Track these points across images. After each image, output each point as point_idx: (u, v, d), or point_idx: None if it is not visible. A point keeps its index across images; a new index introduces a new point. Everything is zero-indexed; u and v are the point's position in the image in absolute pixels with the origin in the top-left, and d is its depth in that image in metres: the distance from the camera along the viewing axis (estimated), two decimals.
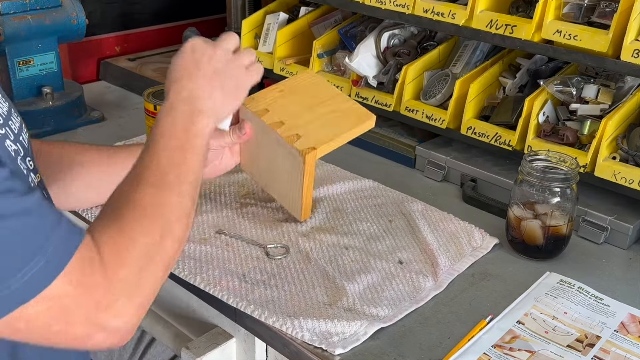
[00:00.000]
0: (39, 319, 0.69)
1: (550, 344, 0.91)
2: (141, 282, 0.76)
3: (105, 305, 0.72)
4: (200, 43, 0.95)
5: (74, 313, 0.70)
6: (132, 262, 0.75)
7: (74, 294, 0.70)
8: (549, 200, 1.07)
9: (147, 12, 2.04)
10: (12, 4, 1.45)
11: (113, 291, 0.73)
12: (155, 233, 0.79)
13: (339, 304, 0.96)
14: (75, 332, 0.71)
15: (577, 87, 1.23)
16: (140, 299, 0.76)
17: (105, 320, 0.72)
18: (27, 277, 0.66)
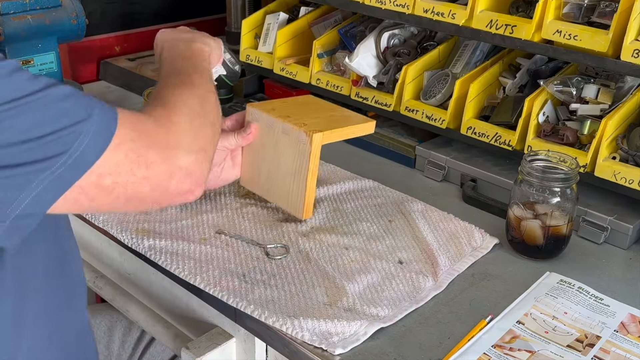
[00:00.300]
0: (121, 167, 0.74)
1: (550, 344, 0.91)
2: (195, 129, 0.84)
3: (172, 144, 0.80)
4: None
5: (149, 155, 0.76)
6: (180, 112, 0.84)
7: (139, 138, 0.76)
8: (549, 200, 1.07)
9: (147, 12, 2.04)
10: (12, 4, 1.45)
11: (173, 133, 0.81)
12: (193, 96, 0.89)
13: (339, 304, 0.96)
14: (157, 174, 0.77)
15: (577, 87, 1.23)
16: (200, 142, 0.84)
17: (178, 156, 0.80)
18: (94, 127, 0.71)
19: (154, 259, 1.06)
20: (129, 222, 1.14)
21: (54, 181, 0.70)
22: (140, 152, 0.75)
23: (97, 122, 0.72)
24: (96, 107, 0.73)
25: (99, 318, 1.31)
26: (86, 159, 0.71)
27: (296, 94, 1.62)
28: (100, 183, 0.73)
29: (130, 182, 0.75)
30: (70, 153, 0.69)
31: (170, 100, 0.86)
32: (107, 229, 1.14)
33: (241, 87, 1.70)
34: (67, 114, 0.70)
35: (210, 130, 0.88)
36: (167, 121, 0.82)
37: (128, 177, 0.75)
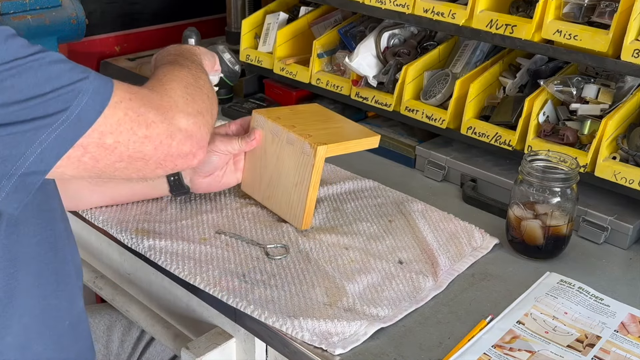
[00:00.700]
0: (122, 125, 0.76)
1: (550, 344, 0.91)
2: (191, 95, 0.87)
3: (169, 106, 0.82)
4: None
5: (148, 114, 0.79)
6: (174, 80, 0.88)
7: (136, 99, 0.79)
8: (549, 200, 1.07)
9: (147, 12, 2.04)
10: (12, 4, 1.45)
11: (168, 96, 0.83)
12: (183, 70, 0.93)
13: (339, 304, 0.96)
14: (158, 134, 0.79)
15: (577, 87, 1.23)
16: (197, 106, 0.86)
17: (177, 117, 0.82)
18: (93, 86, 0.74)
19: (154, 259, 1.06)
20: (129, 222, 1.14)
21: (57, 138, 0.72)
22: (140, 111, 0.78)
23: (95, 83, 0.75)
24: (91, 72, 0.76)
25: (98, 318, 1.30)
26: (87, 117, 0.73)
27: (296, 94, 1.62)
28: (102, 142, 0.75)
29: (132, 140, 0.77)
30: (71, 110, 0.72)
31: (163, 75, 0.89)
32: (107, 229, 1.14)
33: (241, 87, 1.70)
34: (65, 74, 0.73)
35: (207, 100, 0.90)
36: (161, 88, 0.85)
37: (129, 136, 0.77)
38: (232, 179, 1.18)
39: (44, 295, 0.89)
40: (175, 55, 1.03)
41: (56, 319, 0.91)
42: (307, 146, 1.08)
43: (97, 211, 1.17)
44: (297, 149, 1.09)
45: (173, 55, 1.04)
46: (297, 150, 1.09)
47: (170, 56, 1.03)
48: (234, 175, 1.18)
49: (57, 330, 0.91)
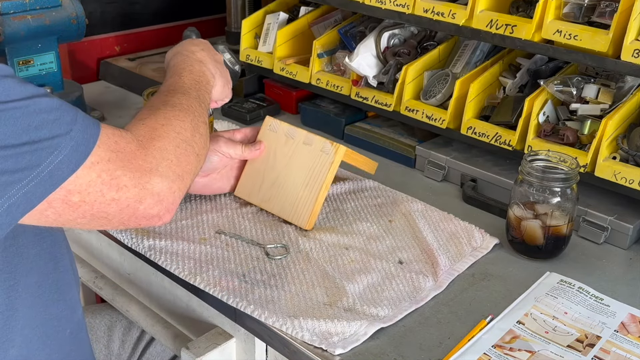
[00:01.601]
0: (92, 187, 0.74)
1: (550, 344, 0.91)
2: (178, 156, 0.83)
3: (148, 168, 0.79)
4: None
5: (122, 177, 0.76)
6: (166, 137, 0.83)
7: (116, 158, 0.76)
8: (549, 200, 1.07)
9: (147, 12, 2.04)
10: (12, 4, 1.45)
11: (152, 157, 0.80)
12: (187, 120, 0.89)
13: (339, 304, 0.96)
14: (127, 198, 0.77)
15: (577, 87, 1.23)
16: (179, 170, 0.83)
17: (152, 182, 0.79)
18: (72, 143, 0.71)
19: (154, 259, 1.06)
20: None
21: (26, 194, 0.69)
22: (115, 174, 0.75)
23: (76, 138, 0.72)
24: (78, 123, 0.73)
25: (98, 318, 1.30)
26: (59, 175, 0.71)
27: (296, 94, 1.62)
28: (68, 199, 0.72)
29: (98, 202, 0.75)
30: (44, 167, 0.69)
31: (161, 121, 0.86)
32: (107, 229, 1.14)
33: (241, 87, 1.70)
34: (47, 126, 0.70)
35: (194, 160, 0.87)
36: (150, 144, 0.81)
37: (96, 197, 0.74)
38: (226, 185, 1.20)
39: (45, 306, 0.88)
40: (191, 81, 0.99)
41: (57, 328, 0.91)
42: (328, 145, 1.12)
43: None
44: (315, 148, 1.13)
45: (188, 80, 1.00)
46: (315, 150, 1.12)
47: (186, 78, 0.99)
48: (228, 183, 1.20)
49: (59, 339, 0.91)
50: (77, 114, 0.74)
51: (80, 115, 0.74)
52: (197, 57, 1.06)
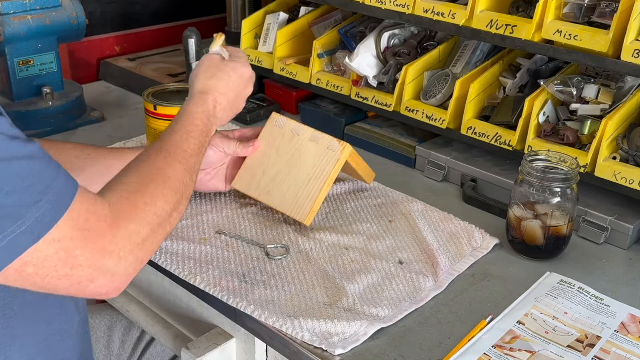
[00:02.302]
0: (48, 261, 0.71)
1: (550, 344, 0.90)
2: (147, 240, 0.81)
3: (110, 251, 0.76)
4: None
5: (80, 256, 0.73)
6: (144, 219, 0.81)
7: (79, 237, 0.73)
8: (549, 200, 1.07)
9: (147, 12, 2.04)
10: (12, 4, 1.45)
11: (119, 239, 0.77)
12: (172, 202, 0.86)
13: (339, 304, 0.96)
14: (79, 276, 0.74)
15: (577, 87, 1.23)
16: (142, 254, 0.80)
17: (108, 264, 0.76)
18: (39, 214, 0.69)
19: (154, 259, 1.06)
20: None
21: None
22: (73, 253, 0.73)
23: (44, 209, 0.70)
24: (51, 192, 0.71)
25: (98, 318, 1.30)
26: (18, 246, 0.69)
27: (296, 94, 1.62)
28: (21, 269, 0.71)
29: (50, 276, 0.73)
30: (4, 235, 0.67)
31: (145, 199, 0.82)
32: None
33: None
34: (18, 193, 0.68)
35: (161, 239, 0.85)
36: (123, 224, 0.78)
37: (50, 272, 0.72)
38: (220, 184, 1.20)
39: (48, 321, 0.88)
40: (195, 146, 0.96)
41: (60, 342, 0.91)
42: (335, 143, 1.12)
43: None
44: (320, 145, 1.13)
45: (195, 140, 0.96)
46: (321, 147, 1.13)
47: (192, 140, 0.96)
48: (222, 182, 1.20)
49: (61, 352, 0.91)
50: (54, 181, 0.72)
51: (56, 183, 0.72)
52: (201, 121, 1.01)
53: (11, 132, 0.70)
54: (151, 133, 1.32)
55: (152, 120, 1.30)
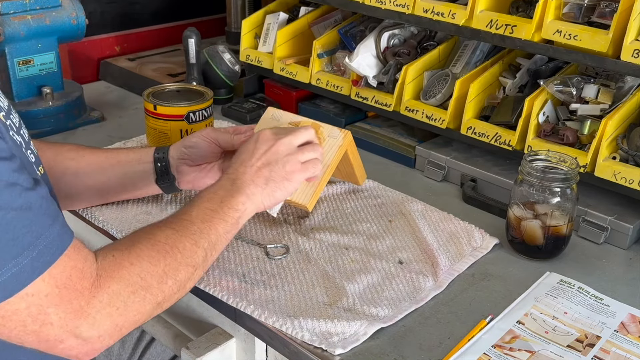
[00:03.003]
0: (17, 315, 0.69)
1: (550, 344, 0.91)
2: (129, 305, 0.76)
3: (85, 313, 0.73)
4: (266, 134, 1.00)
5: (52, 315, 0.71)
6: (128, 280, 0.77)
7: (56, 295, 0.71)
8: (549, 200, 1.07)
9: (147, 12, 2.04)
10: (12, 4, 1.45)
11: (98, 301, 0.74)
12: (159, 265, 0.81)
13: (339, 304, 0.96)
14: (48, 334, 0.72)
15: (577, 87, 1.23)
16: (121, 321, 0.76)
17: (81, 327, 0.73)
18: (15, 270, 0.67)
19: None
20: (129, 222, 1.14)
21: None
22: (45, 311, 0.70)
23: (21, 266, 0.68)
24: (34, 248, 0.69)
25: None
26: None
27: (296, 94, 1.62)
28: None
29: (17, 329, 0.71)
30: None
31: (131, 259, 0.79)
32: (107, 229, 1.14)
33: (241, 87, 1.70)
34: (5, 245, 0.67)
35: (150, 310, 0.80)
36: (105, 284, 0.75)
37: (17, 326, 0.70)
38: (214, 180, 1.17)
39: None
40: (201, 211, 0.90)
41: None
42: (336, 131, 1.09)
43: (97, 211, 1.17)
44: (321, 135, 1.10)
45: (211, 205, 0.91)
46: (321, 136, 1.10)
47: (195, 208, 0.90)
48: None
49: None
50: (42, 236, 0.70)
51: (45, 237, 0.70)
52: (232, 177, 0.95)
53: (13, 178, 0.69)
54: (151, 133, 1.32)
55: (152, 120, 1.30)
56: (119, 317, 0.76)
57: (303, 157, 1.00)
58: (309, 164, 1.01)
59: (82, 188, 1.12)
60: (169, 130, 1.29)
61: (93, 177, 1.12)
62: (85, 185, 1.12)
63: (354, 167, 1.19)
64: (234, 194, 0.93)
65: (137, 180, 1.14)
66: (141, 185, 1.14)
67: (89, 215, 1.17)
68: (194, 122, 1.29)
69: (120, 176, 1.13)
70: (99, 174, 1.12)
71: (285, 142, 0.99)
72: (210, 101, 1.32)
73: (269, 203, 0.98)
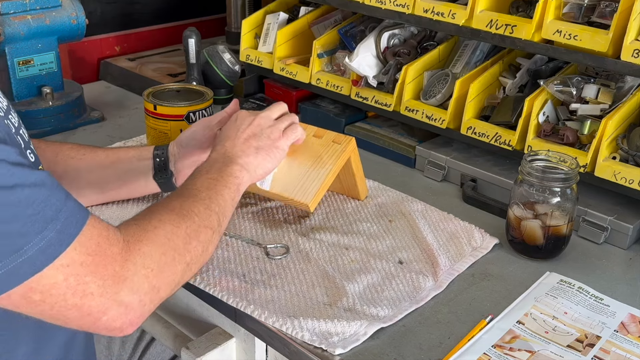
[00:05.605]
0: (56, 289, 0.69)
1: (550, 344, 0.91)
2: (161, 265, 0.78)
3: (122, 277, 0.73)
4: (243, 113, 1.06)
5: (91, 284, 0.71)
6: (155, 241, 0.79)
7: (90, 263, 0.71)
8: (549, 200, 1.07)
9: (147, 12, 2.04)
10: (12, 4, 1.45)
11: (132, 263, 0.75)
12: (182, 226, 0.83)
13: (339, 304, 0.96)
14: (90, 306, 0.71)
15: (577, 87, 1.23)
16: (158, 282, 0.77)
17: (121, 293, 0.73)
18: (42, 244, 0.67)
19: None
20: None
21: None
22: (84, 280, 0.70)
23: (48, 238, 0.68)
24: (58, 220, 0.69)
25: None
26: (17, 275, 0.67)
27: (296, 94, 1.62)
28: (28, 296, 0.69)
29: (58, 304, 0.70)
30: (4, 263, 0.66)
31: (154, 223, 0.81)
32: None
33: (241, 87, 1.70)
34: (20, 220, 0.67)
35: (181, 270, 0.81)
36: (135, 247, 0.76)
37: (58, 300, 0.70)
38: None
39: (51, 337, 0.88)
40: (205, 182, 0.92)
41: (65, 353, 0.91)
42: (341, 137, 1.13)
43: (97, 211, 1.17)
44: (325, 140, 1.14)
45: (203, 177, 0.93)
46: (326, 141, 1.13)
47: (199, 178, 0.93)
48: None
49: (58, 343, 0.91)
50: (62, 209, 0.70)
51: (64, 211, 0.70)
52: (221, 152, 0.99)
53: (16, 160, 0.69)
54: (151, 133, 1.32)
55: (152, 120, 1.30)
56: (155, 278, 0.77)
57: (282, 125, 1.06)
58: (289, 130, 1.07)
59: (82, 186, 1.12)
60: (169, 130, 1.29)
61: (94, 175, 1.12)
62: (86, 183, 1.12)
63: (356, 178, 1.19)
64: (228, 163, 0.97)
65: (137, 177, 1.14)
66: (141, 182, 1.15)
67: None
68: (194, 122, 1.29)
69: (120, 173, 1.14)
70: (99, 172, 1.13)
71: (264, 116, 1.05)
72: (210, 101, 1.32)
73: (262, 171, 1.02)
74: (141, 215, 0.83)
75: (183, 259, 0.81)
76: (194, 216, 0.85)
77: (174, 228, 0.82)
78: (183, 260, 0.81)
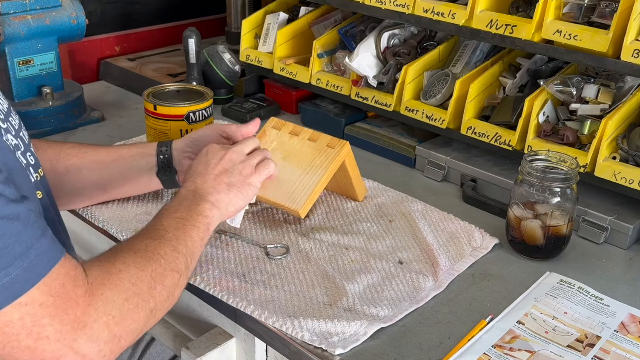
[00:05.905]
0: (9, 327, 0.67)
1: (550, 344, 0.91)
2: (124, 312, 0.75)
3: (83, 323, 0.70)
4: (214, 147, 1.03)
5: (48, 327, 0.68)
6: (119, 286, 0.76)
7: (51, 304, 0.68)
8: (549, 200, 1.07)
9: (147, 12, 2.04)
10: (12, 4, 1.45)
11: (94, 309, 0.72)
12: (147, 270, 0.80)
13: (339, 304, 0.96)
14: (44, 350, 0.68)
15: (577, 87, 1.23)
16: (119, 330, 0.74)
17: (79, 340, 0.70)
18: (5, 280, 0.65)
19: None
20: (129, 222, 1.14)
21: None
22: (41, 322, 0.67)
23: (13, 275, 0.65)
24: (27, 257, 0.67)
25: None
26: None
27: (296, 94, 1.62)
28: None
29: (10, 344, 0.67)
30: None
31: (118, 266, 0.78)
32: (107, 229, 1.14)
33: (241, 87, 1.70)
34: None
35: (144, 317, 0.78)
36: (98, 291, 0.73)
37: (10, 340, 0.67)
38: None
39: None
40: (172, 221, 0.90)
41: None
42: (335, 141, 1.14)
43: (97, 211, 1.17)
44: (320, 144, 1.14)
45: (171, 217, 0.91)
46: (320, 145, 1.14)
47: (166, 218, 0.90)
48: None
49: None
50: (32, 246, 0.68)
51: (35, 248, 0.68)
52: (192, 189, 0.96)
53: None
54: (151, 133, 1.32)
55: (152, 120, 1.30)
56: (116, 327, 0.74)
57: (255, 160, 1.03)
58: (261, 165, 1.04)
59: (85, 184, 1.12)
60: (169, 130, 1.29)
61: (96, 173, 1.12)
62: (88, 181, 1.12)
63: (353, 180, 1.19)
64: (198, 202, 0.94)
65: (140, 174, 1.14)
66: (144, 179, 1.14)
67: (89, 215, 1.17)
68: (194, 122, 1.29)
69: (122, 170, 1.13)
70: (101, 170, 1.12)
71: (236, 151, 1.02)
72: (210, 101, 1.32)
73: (233, 209, 0.99)
74: (105, 257, 0.80)
75: (147, 305, 0.78)
76: (160, 259, 0.83)
77: (139, 272, 0.79)
78: (147, 306, 0.78)
